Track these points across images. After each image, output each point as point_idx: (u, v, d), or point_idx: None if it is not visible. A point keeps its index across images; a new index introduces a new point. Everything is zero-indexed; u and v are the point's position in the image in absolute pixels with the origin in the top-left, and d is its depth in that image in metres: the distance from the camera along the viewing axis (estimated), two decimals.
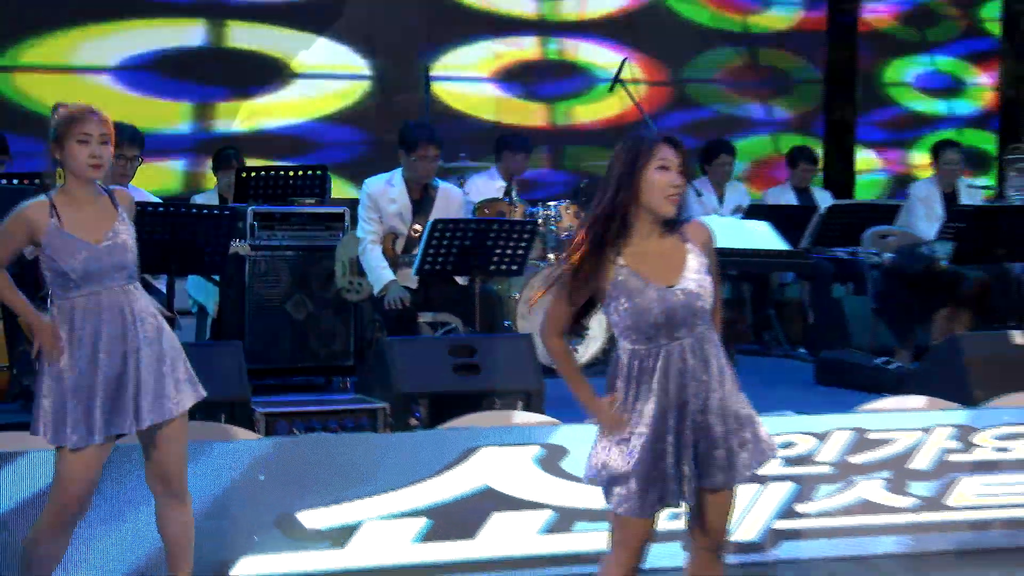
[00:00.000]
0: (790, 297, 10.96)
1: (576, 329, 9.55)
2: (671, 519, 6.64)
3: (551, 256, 9.13)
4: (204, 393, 5.40)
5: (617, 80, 10.47)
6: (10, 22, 11.66)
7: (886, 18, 14.44)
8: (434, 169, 8.16)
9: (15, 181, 8.64)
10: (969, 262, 8.59)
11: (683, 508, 4.56)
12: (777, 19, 13.99)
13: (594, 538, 6.33)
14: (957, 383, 7.38)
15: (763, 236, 8.24)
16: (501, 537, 6.40)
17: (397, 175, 8.10)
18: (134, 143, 7.82)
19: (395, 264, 7.93)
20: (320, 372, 8.38)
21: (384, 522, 6.27)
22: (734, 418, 4.45)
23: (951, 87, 14.81)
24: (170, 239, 7.52)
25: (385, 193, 8.09)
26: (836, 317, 10.11)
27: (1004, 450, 6.97)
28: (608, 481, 4.45)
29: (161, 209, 7.80)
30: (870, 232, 9.39)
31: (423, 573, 6.32)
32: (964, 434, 6.92)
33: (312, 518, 6.19)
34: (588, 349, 8.92)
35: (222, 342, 7.19)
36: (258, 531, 6.14)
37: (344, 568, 6.24)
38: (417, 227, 8.04)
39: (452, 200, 8.15)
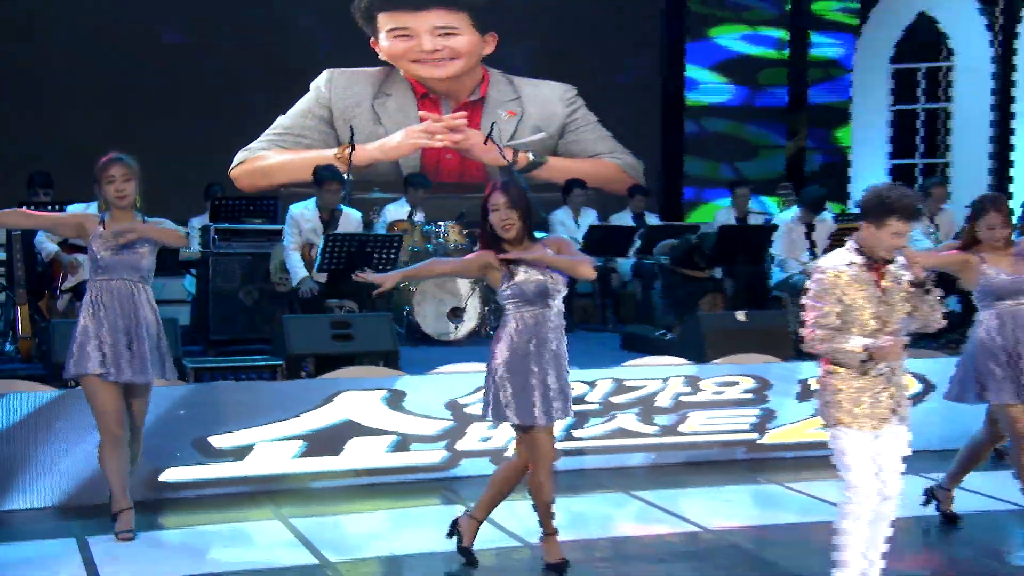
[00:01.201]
0: (630, 290, 11.01)
1: (458, 313, 9.64)
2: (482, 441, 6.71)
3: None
4: (174, 376, 5.66)
5: (489, 136, 10.58)
6: None
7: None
8: (338, 198, 8.05)
9: (48, 208, 8.77)
10: (718, 264, 8.76)
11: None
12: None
13: (425, 455, 6.55)
14: (698, 347, 7.47)
15: None
16: (358, 454, 6.44)
17: (312, 202, 8.03)
18: None
19: (311, 266, 7.89)
20: (264, 341, 8.16)
21: (273, 443, 6.29)
22: (564, 369, 4.86)
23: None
24: None
25: (303, 215, 8.00)
26: (646, 304, 10.01)
27: (721, 394, 7.08)
28: (509, 407, 4.74)
29: None
30: (660, 244, 9.48)
31: (301, 479, 6.36)
32: (693, 382, 7.02)
33: (220, 440, 6.22)
34: (465, 326, 9.01)
35: (163, 320, 7.11)
36: (180, 449, 6.16)
37: (242, 476, 6.27)
38: None
39: (351, 220, 8.06)
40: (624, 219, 11.22)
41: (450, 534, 5.11)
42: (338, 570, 5.06)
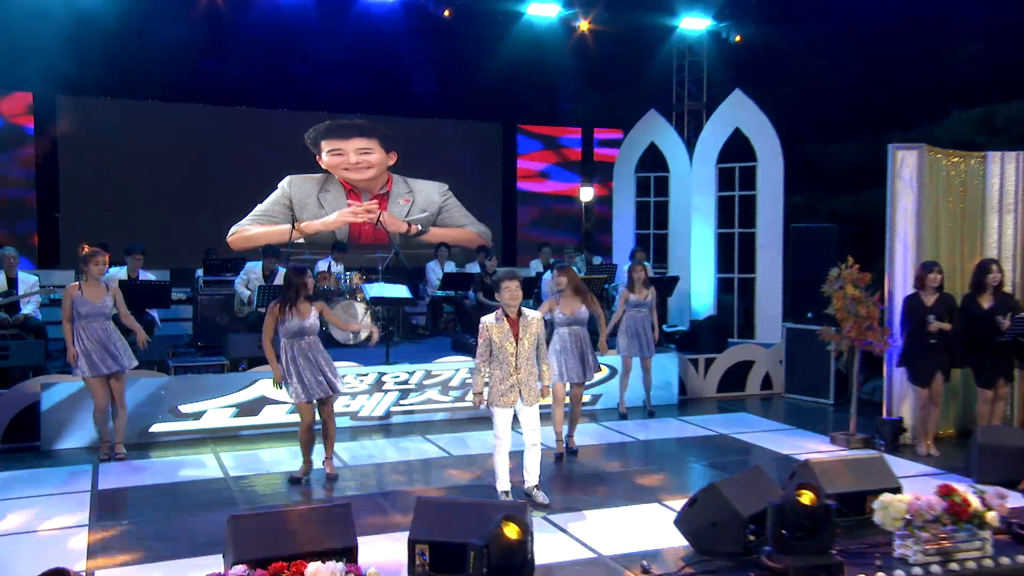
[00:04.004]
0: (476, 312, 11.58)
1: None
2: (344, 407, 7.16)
3: (336, 297, 9.43)
4: (132, 365, 5.97)
5: (377, 221, 11.37)
6: None
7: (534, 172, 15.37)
8: (275, 264, 8.53)
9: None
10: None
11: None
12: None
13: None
14: None
15: (402, 290, 8.85)
16: (269, 415, 6.96)
17: (260, 263, 8.60)
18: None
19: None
20: None
21: (217, 409, 6.85)
22: (329, 370, 5.40)
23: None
24: (150, 292, 8.05)
25: (253, 269, 8.54)
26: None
27: None
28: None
29: (149, 281, 8.27)
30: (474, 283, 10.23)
31: (233, 431, 6.86)
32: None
33: (186, 407, 6.78)
34: (360, 336, 9.13)
35: (158, 337, 7.64)
36: (160, 413, 6.73)
37: (198, 428, 6.79)
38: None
39: (282, 276, 8.35)
40: (473, 268, 11.83)
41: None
42: (232, 480, 5.72)
